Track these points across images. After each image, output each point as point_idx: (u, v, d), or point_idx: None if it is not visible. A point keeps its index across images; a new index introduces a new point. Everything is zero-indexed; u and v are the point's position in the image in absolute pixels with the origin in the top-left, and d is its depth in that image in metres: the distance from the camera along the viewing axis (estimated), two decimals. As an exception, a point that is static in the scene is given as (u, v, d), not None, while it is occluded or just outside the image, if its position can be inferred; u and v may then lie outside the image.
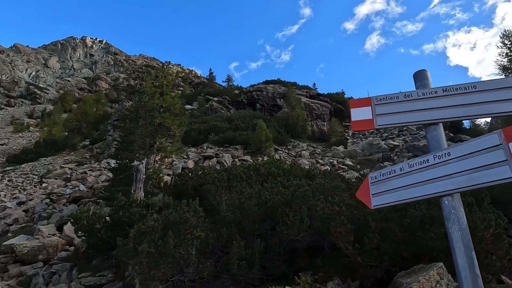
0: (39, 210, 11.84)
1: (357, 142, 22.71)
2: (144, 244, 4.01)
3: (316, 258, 5.05)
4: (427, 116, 1.64)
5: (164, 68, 15.53)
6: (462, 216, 1.36)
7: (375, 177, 1.83)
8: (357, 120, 1.79)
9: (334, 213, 4.28)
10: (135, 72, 70.20)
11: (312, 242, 5.00)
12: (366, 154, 18.55)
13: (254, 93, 33.74)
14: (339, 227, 4.17)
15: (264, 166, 8.88)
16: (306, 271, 4.94)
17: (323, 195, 5.50)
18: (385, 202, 1.71)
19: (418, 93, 1.71)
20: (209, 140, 20.18)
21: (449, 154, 1.46)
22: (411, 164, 1.63)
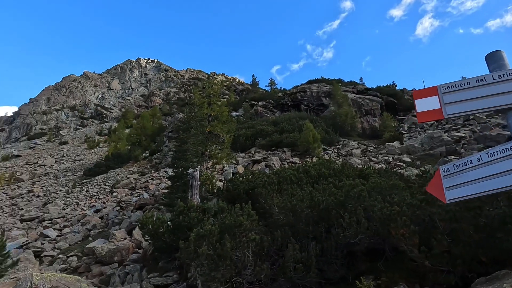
0: (111, 216, 13.29)
1: (415, 136, 20.90)
2: (204, 247, 4.24)
3: (377, 262, 4.76)
4: (506, 100, 1.48)
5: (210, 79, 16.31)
6: None
7: (448, 169, 1.70)
8: (423, 111, 1.67)
9: (394, 214, 4.00)
10: (184, 86, 75.00)
11: (371, 245, 4.74)
12: (426, 149, 16.95)
13: (298, 94, 33.39)
14: (401, 229, 3.89)
15: (314, 167, 8.71)
16: (367, 275, 4.68)
17: (380, 195, 5.19)
18: (461, 196, 1.59)
19: (493, 76, 1.55)
20: (257, 144, 20.50)
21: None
22: (490, 153, 1.48)
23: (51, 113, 61.30)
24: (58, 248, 10.87)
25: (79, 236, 11.90)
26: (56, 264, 8.95)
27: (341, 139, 22.58)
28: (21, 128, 56.85)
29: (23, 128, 56.69)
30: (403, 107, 30.34)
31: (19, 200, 22.92)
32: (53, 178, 28.87)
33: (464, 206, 3.97)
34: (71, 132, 54.19)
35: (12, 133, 55.93)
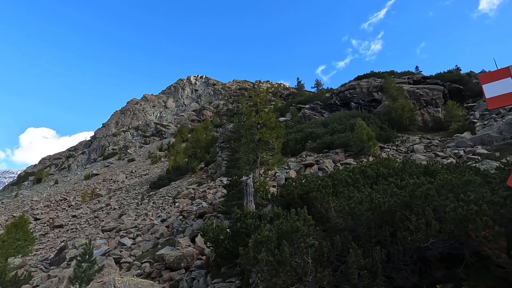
0: (176, 225, 14.30)
1: (490, 124, 18.30)
2: (263, 253, 4.28)
3: (456, 269, 4.24)
4: None
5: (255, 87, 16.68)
6: None
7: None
8: (493, 97, 1.47)
9: (472, 214, 3.54)
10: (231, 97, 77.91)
11: (447, 250, 4.25)
12: (506, 138, 14.66)
13: (346, 92, 32.02)
14: (482, 231, 3.42)
15: (371, 167, 8.21)
16: (444, 283, 4.20)
17: (451, 193, 4.65)
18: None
19: None
20: (307, 148, 20.14)
21: None
22: None
23: (120, 134, 69.08)
24: (133, 255, 12.06)
25: (150, 244, 13.03)
26: (132, 270, 9.93)
27: (399, 134, 20.89)
28: (98, 150, 65.15)
29: (99, 150, 64.91)
30: (471, 93, 26.93)
31: (99, 213, 26.16)
32: (125, 192, 32.31)
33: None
34: (136, 150, 60.29)
35: (91, 155, 64.42)
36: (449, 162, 11.70)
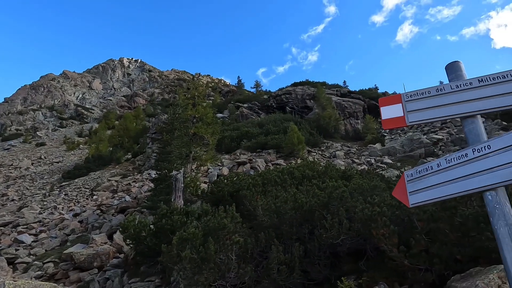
0: (91, 220, 12.86)
1: (396, 138, 21.55)
2: (187, 250, 4.17)
3: (359, 262, 4.86)
4: (463, 109, 1.55)
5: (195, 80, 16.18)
6: (509, 211, 1.26)
7: (411, 174, 1.77)
8: (388, 119, 1.73)
9: (375, 214, 4.10)
10: (168, 87, 73.90)
11: (353, 245, 4.83)
12: (406, 151, 17.50)
13: (283, 96, 33.66)
14: (381, 229, 3.99)
15: (298, 169, 8.79)
16: (349, 275, 4.76)
17: (361, 195, 5.30)
18: (423, 200, 1.65)
19: (451, 86, 1.63)
20: (242, 146, 20.48)
21: (489, 147, 1.37)
22: (448, 159, 1.55)
23: (28, 113, 58.75)
24: (33, 254, 10.39)
25: (57, 241, 11.43)
26: (31, 271, 8.55)
27: (325, 141, 22.94)
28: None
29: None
30: (384, 110, 31.23)
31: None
32: (29, 181, 27.63)
33: (441, 206, 4.12)
34: (49, 133, 52.09)
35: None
36: (362, 168, 13.35)
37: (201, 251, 4.16)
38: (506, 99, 1.44)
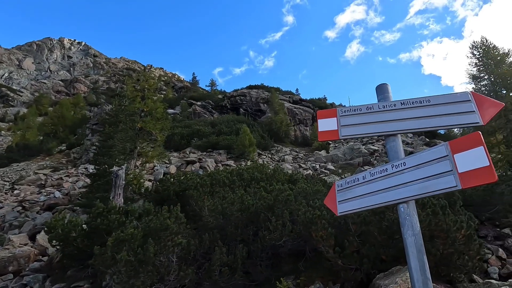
0: (10, 218, 11.20)
1: (339, 146, 23.19)
2: (123, 252, 3.89)
3: (299, 263, 5.09)
4: (386, 128, 1.70)
5: (146, 71, 15.29)
6: (416, 222, 1.42)
7: (341, 184, 1.90)
8: (323, 131, 1.84)
9: (316, 217, 4.34)
10: (115, 75, 68.46)
11: (294, 247, 5.04)
12: (347, 159, 18.96)
13: (237, 97, 33.78)
14: (320, 231, 4.24)
15: (247, 170, 8.88)
16: (288, 275, 4.96)
17: (305, 199, 5.57)
18: (349, 209, 1.78)
19: (379, 106, 1.78)
20: (192, 144, 19.95)
21: (404, 164, 1.53)
22: (372, 173, 1.71)
23: None
24: None
25: (-39, 243, 9.68)
26: None
27: (276, 145, 23.63)
28: None
29: None
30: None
31: None
32: None
33: (372, 211, 4.54)
34: (-40, 114, 44.17)
35: None
36: (308, 173, 14.06)
37: (139, 253, 3.92)
38: (422, 122, 1.63)
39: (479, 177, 1.25)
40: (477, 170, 1.26)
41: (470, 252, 4.37)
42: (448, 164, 1.36)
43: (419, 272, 1.31)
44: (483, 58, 13.54)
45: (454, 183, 1.31)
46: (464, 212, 4.77)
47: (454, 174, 1.33)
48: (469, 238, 4.31)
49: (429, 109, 1.65)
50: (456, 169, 1.32)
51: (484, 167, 1.24)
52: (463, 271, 4.40)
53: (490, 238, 7.95)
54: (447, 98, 1.64)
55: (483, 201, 8.53)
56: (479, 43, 14.10)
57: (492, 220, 8.47)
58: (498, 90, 12.66)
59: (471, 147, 1.31)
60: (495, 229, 8.16)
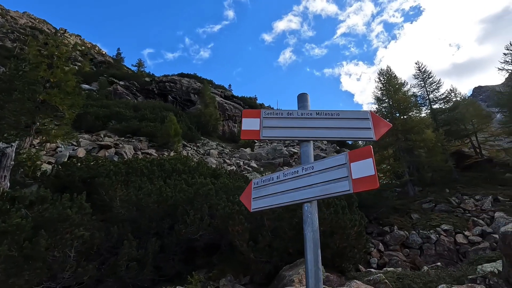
0: None
1: (263, 146, 24.27)
2: (3, 246, 3.24)
3: (213, 256, 5.13)
4: (302, 134, 1.87)
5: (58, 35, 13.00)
6: (316, 220, 1.61)
7: (257, 182, 2.00)
8: (246, 130, 1.91)
9: (234, 212, 4.45)
10: (14, 32, 56.15)
11: (210, 241, 5.06)
12: (269, 158, 20.01)
13: (167, 84, 31.92)
14: (237, 226, 4.36)
15: (170, 161, 8.49)
16: (201, 269, 4.95)
17: (226, 194, 5.65)
18: (262, 206, 1.89)
19: (298, 113, 1.94)
20: (109, 127, 17.95)
21: (312, 167, 1.72)
22: (285, 173, 1.86)
23: None
24: None
25: None
26: None
27: (202, 138, 23.23)
28: None
29: None
30: (259, 120, 34.70)
31: None
32: None
33: (285, 208, 4.90)
34: None
35: None
36: (231, 169, 14.29)
37: (25, 247, 3.32)
38: (331, 132, 1.86)
39: (366, 183, 1.48)
40: (366, 178, 1.48)
41: (359, 246, 5.15)
42: (345, 171, 1.56)
43: (313, 263, 1.47)
44: (386, 84, 16.12)
45: (348, 188, 1.52)
46: (358, 212, 5.59)
47: (348, 179, 1.53)
48: (359, 234, 5.08)
49: (337, 121, 1.89)
50: (351, 175, 1.53)
51: (371, 176, 1.48)
52: (352, 262, 5.16)
53: (374, 234, 9.56)
54: (352, 114, 1.90)
55: (373, 203, 10.19)
56: (384, 71, 16.73)
57: (378, 220, 10.20)
58: (394, 112, 15.28)
59: (363, 158, 1.54)
60: (379, 227, 9.86)
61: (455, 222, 9.22)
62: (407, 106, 15.09)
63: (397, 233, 9.02)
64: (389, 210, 10.49)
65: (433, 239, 8.55)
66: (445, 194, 11.60)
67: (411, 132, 13.88)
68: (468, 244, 8.27)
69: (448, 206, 10.55)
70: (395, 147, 14.32)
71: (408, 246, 8.73)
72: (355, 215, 5.30)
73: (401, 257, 8.05)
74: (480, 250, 7.58)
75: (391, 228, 9.41)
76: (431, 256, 8.12)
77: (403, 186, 13.21)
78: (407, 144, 13.84)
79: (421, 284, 3.59)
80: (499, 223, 8.38)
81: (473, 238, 8.41)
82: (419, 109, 16.66)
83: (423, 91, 17.92)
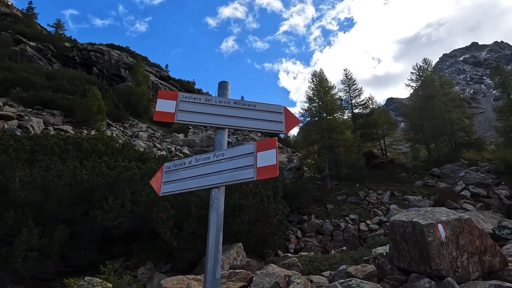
0: None
1: (198, 133, 23.74)
2: None
3: (133, 244, 4.86)
4: (218, 121, 1.88)
5: None
6: (221, 205, 1.65)
7: (170, 166, 1.95)
8: (161, 111, 1.85)
9: (159, 199, 4.28)
10: None
11: (131, 228, 4.77)
12: (203, 146, 19.69)
13: (93, 53, 28.24)
14: (161, 213, 4.21)
15: (90, 141, 7.62)
16: (118, 258, 4.64)
17: (152, 180, 5.36)
18: (171, 190, 1.86)
19: (216, 100, 1.94)
20: (12, 95, 15.05)
21: (223, 154, 1.77)
22: (198, 159, 1.87)
23: None
24: None
25: None
26: None
27: (131, 118, 21.43)
28: None
29: None
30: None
31: None
32: None
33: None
34: None
35: None
36: (161, 154, 13.60)
37: None
38: (247, 122, 1.91)
39: (268, 172, 1.58)
40: (268, 167, 1.59)
41: (280, 233, 5.55)
42: (252, 160, 1.65)
43: (213, 246, 1.50)
44: (317, 86, 17.41)
45: (252, 175, 1.60)
46: (282, 202, 6.00)
47: (254, 168, 1.62)
48: (281, 222, 5.46)
49: (253, 112, 1.95)
50: (256, 164, 1.62)
51: (273, 165, 1.59)
52: (273, 247, 5.54)
53: (294, 222, 10.41)
54: (268, 107, 1.98)
55: (296, 194, 11.03)
56: (318, 73, 18.04)
57: (299, 209, 11.11)
58: (322, 112, 16.67)
59: (268, 148, 1.65)
60: (299, 215, 10.77)
61: (361, 212, 10.69)
62: (333, 108, 16.61)
63: (313, 222, 10.00)
64: (310, 201, 11.52)
65: (342, 226, 9.76)
66: (356, 188, 13.30)
67: (334, 132, 15.38)
68: (368, 231, 9.70)
69: (357, 199, 12.14)
70: (320, 144, 15.70)
71: (322, 233, 9.78)
72: (279, 204, 5.68)
73: (315, 243, 8.98)
74: (377, 236, 8.97)
75: (309, 217, 10.38)
76: (339, 241, 9.27)
77: (323, 179, 14.63)
78: (330, 142, 15.31)
79: (327, 265, 4.08)
80: (392, 214, 10.05)
81: (373, 226, 9.90)
82: (343, 111, 18.54)
83: (348, 96, 19.97)
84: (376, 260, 3.50)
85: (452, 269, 2.82)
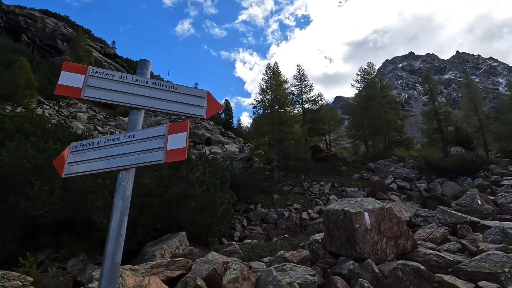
0: None
1: (146, 118, 22.45)
2: None
3: (63, 235, 4.47)
4: (133, 101, 1.78)
5: None
6: (129, 188, 1.58)
7: (76, 146, 1.84)
8: (64, 85, 1.69)
9: (96, 186, 4.00)
10: None
11: (61, 217, 4.38)
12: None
13: (22, 18, 24.48)
14: (98, 201, 3.95)
15: (14, 119, 6.71)
16: (45, 249, 4.24)
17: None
18: (77, 172, 1.75)
19: (132, 78, 1.83)
20: None
21: (134, 136, 1.70)
22: (107, 139, 1.78)
23: None
24: None
25: None
26: None
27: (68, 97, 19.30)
28: None
29: None
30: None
31: None
32: None
33: (157, 184, 4.78)
34: None
35: None
36: (103, 138, 12.58)
37: None
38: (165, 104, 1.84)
39: (177, 155, 1.58)
40: (178, 150, 1.58)
41: (225, 221, 5.63)
42: (162, 142, 1.62)
43: (116, 230, 1.44)
44: (271, 79, 17.75)
45: (160, 158, 1.58)
46: (229, 191, 6.07)
47: (163, 150, 1.60)
48: (227, 211, 5.53)
49: (174, 95, 1.88)
50: (166, 146, 1.60)
51: (181, 148, 1.58)
52: (217, 236, 5.60)
53: (241, 211, 10.62)
54: (190, 91, 1.94)
55: (245, 184, 11.23)
56: (272, 66, 18.36)
57: (246, 198, 11.36)
58: (274, 105, 17.11)
59: (180, 131, 1.63)
60: (246, 205, 11.02)
61: (304, 202, 11.37)
62: (285, 102, 17.14)
63: (259, 211, 10.34)
64: (257, 191, 11.84)
65: (285, 215, 10.28)
66: (301, 179, 14.06)
67: (285, 125, 15.93)
68: (309, 219, 10.38)
69: (301, 189, 12.86)
70: (270, 136, 16.14)
71: (266, 221, 10.17)
72: (225, 193, 5.73)
73: (260, 231, 9.31)
74: (316, 224, 9.66)
75: (256, 206, 10.69)
76: (282, 229, 9.75)
77: (271, 170, 15.13)
78: (280, 134, 15.83)
79: (268, 252, 4.29)
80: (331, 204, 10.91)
81: (314, 215, 10.62)
82: (294, 106, 19.25)
83: (299, 91, 20.77)
84: (311, 245, 3.79)
85: (373, 251, 3.20)
